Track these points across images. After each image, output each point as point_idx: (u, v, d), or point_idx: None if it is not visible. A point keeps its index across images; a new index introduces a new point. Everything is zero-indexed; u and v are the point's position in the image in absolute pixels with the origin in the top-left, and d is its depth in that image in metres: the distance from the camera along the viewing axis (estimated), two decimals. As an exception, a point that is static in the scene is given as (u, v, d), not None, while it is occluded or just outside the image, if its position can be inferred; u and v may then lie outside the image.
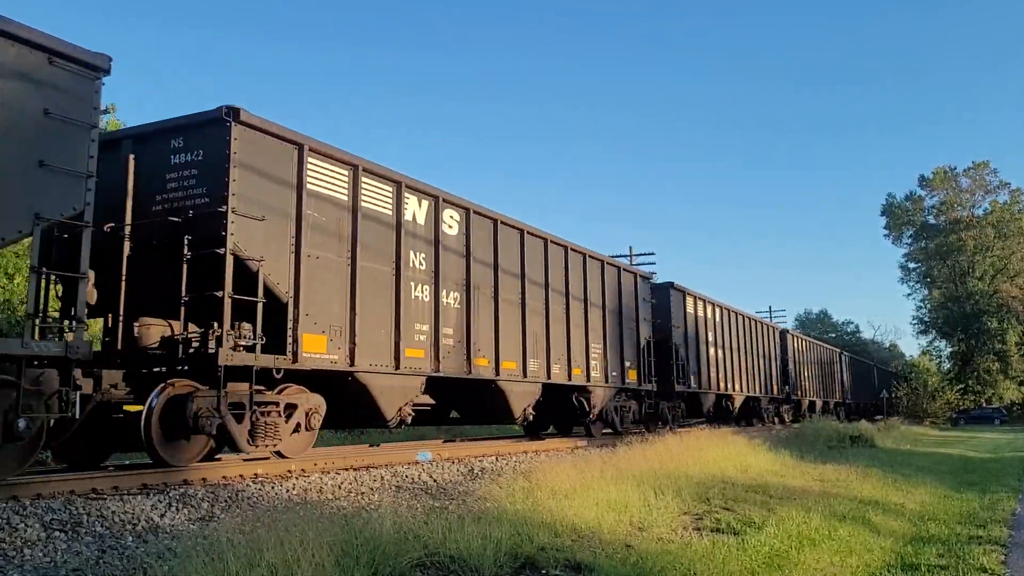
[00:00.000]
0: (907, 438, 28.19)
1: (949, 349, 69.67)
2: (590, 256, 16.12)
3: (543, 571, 5.37)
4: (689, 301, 22.13)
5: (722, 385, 24.10)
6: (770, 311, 61.13)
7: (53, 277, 7.67)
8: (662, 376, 19.24)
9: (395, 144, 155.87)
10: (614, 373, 16.67)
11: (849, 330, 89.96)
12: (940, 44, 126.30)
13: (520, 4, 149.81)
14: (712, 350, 23.44)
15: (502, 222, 13.07)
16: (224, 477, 8.22)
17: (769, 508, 8.90)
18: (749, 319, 28.06)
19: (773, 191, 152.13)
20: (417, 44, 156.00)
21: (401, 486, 8.70)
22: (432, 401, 11.95)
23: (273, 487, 7.79)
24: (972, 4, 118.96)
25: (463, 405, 13.51)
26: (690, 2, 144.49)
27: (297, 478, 8.39)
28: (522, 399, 13.26)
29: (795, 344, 33.94)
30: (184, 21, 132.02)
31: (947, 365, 69.54)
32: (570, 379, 14.77)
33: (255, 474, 8.55)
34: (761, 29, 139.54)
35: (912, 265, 73.82)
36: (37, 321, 6.82)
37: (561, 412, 15.65)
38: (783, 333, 32.78)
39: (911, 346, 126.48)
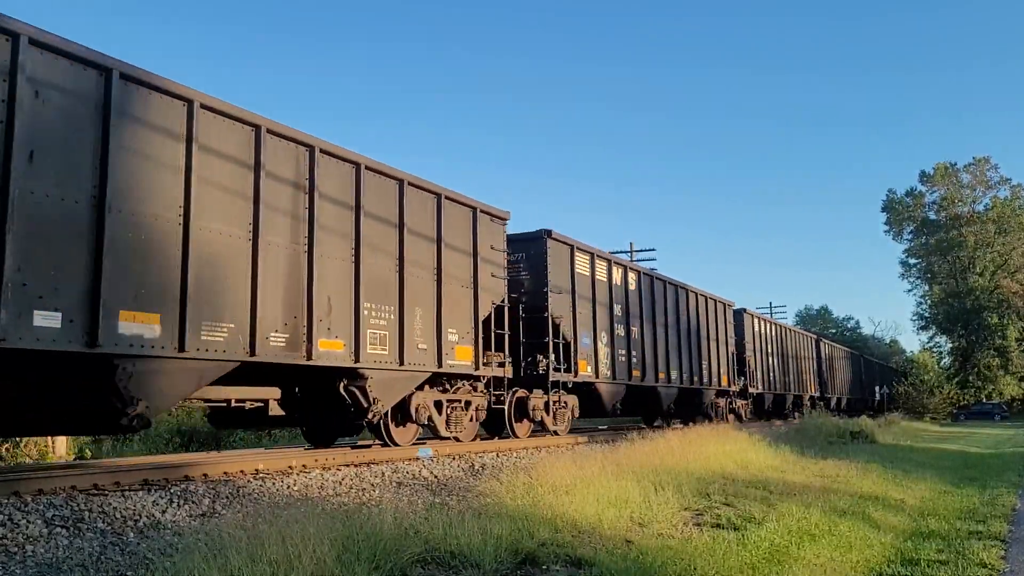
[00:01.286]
0: (907, 434, 28.23)
1: (949, 345, 69.73)
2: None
3: (543, 567, 5.38)
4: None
5: (636, 374, 18.30)
6: (771, 307, 61.11)
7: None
8: (526, 359, 14.53)
9: (393, 136, 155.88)
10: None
11: (850, 326, 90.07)
12: (941, 40, 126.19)
13: (521, 1, 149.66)
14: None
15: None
16: (225, 473, 8.24)
17: (769, 504, 8.91)
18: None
19: (773, 187, 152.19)
20: (418, 39, 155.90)
21: (402, 482, 8.71)
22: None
23: (274, 483, 7.81)
24: (975, 2, 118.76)
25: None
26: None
27: (298, 474, 8.40)
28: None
29: (756, 327, 28.92)
30: (184, 20, 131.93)
31: (947, 361, 69.58)
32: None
33: (256, 470, 8.57)
34: (762, 25, 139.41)
35: (913, 261, 73.94)
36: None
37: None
38: (739, 312, 27.43)
39: (912, 342, 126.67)
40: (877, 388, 51.54)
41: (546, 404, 14.60)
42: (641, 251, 39.02)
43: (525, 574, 5.25)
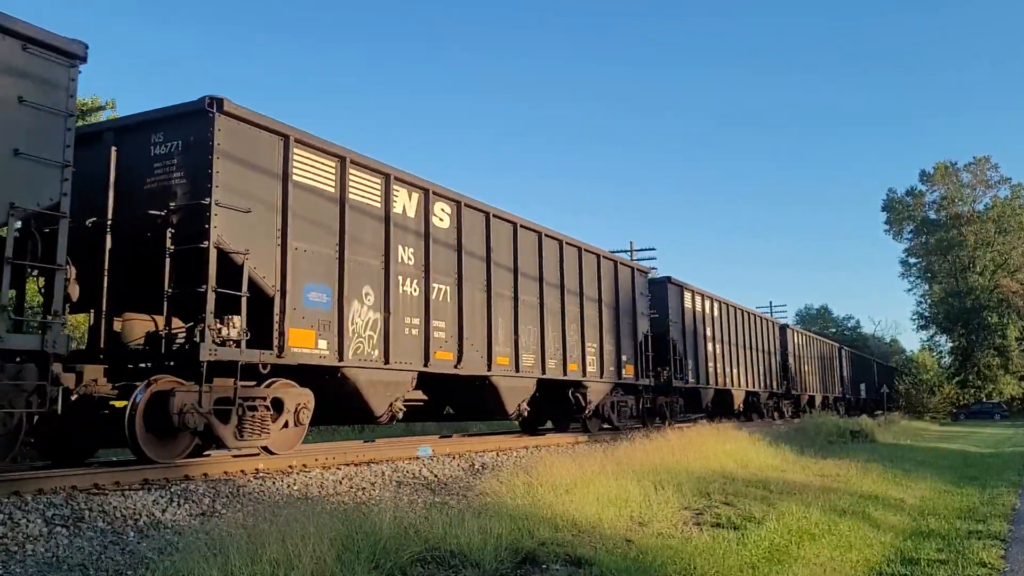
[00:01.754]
0: (907, 433, 28.24)
1: (949, 344, 69.70)
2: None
3: (543, 566, 5.38)
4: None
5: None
6: (771, 306, 61.21)
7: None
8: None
9: (392, 136, 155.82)
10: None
11: (850, 325, 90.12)
12: (941, 39, 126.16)
13: (521, 1, 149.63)
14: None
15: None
16: (225, 472, 8.24)
17: (769, 503, 8.91)
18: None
19: (773, 187, 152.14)
20: (417, 39, 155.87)
21: (402, 481, 8.72)
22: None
23: (274, 482, 7.81)
24: (975, 2, 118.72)
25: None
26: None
27: (298, 473, 8.40)
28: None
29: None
30: (180, 18, 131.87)
31: (947, 360, 69.57)
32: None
33: (256, 469, 8.57)
34: (762, 25, 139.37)
35: (913, 260, 73.92)
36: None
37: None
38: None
39: (912, 341, 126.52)
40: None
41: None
42: (641, 251, 39.07)
43: (525, 573, 5.25)
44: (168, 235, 8.16)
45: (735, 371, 25.26)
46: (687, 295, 22.01)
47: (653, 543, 6.28)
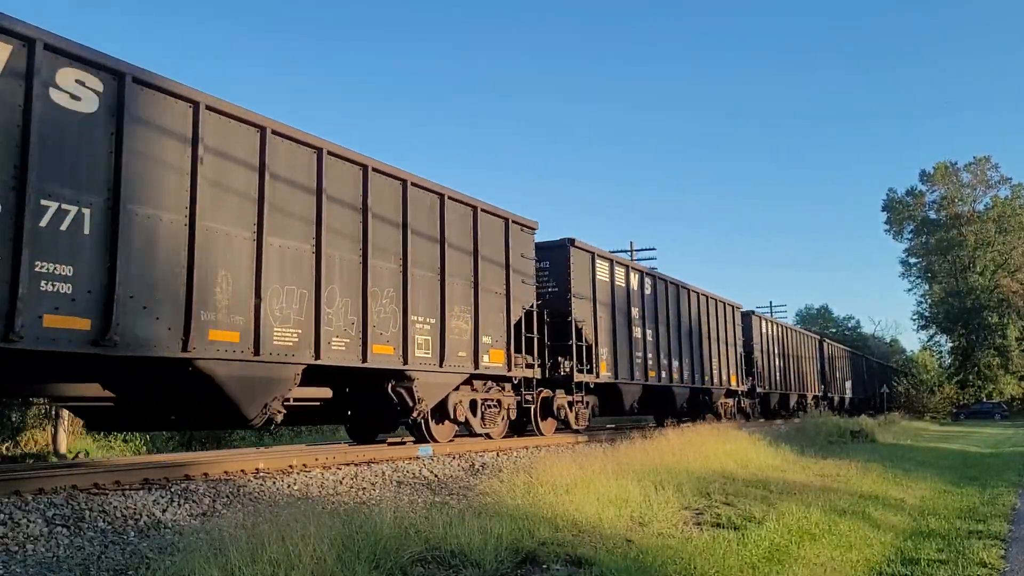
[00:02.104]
0: (907, 433, 28.24)
1: (949, 344, 69.68)
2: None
3: (544, 565, 5.38)
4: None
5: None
6: (771, 306, 61.20)
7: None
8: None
9: (392, 137, 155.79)
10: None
11: (850, 326, 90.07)
12: (942, 38, 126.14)
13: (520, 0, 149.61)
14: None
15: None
16: (225, 472, 8.25)
17: (769, 503, 8.92)
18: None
19: (774, 186, 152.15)
20: (414, 38, 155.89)
21: (402, 481, 8.72)
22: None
23: (274, 482, 7.82)
24: (976, 0, 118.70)
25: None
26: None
27: (298, 473, 8.41)
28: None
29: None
30: (183, 18, 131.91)
31: (948, 360, 69.56)
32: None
33: (256, 469, 8.58)
34: (762, 24, 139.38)
35: (913, 260, 73.88)
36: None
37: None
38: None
39: (912, 341, 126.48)
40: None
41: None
42: (641, 250, 39.06)
43: (525, 573, 5.25)
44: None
45: (676, 364, 20.33)
46: (601, 264, 16.86)
47: (653, 543, 6.28)
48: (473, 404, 12.76)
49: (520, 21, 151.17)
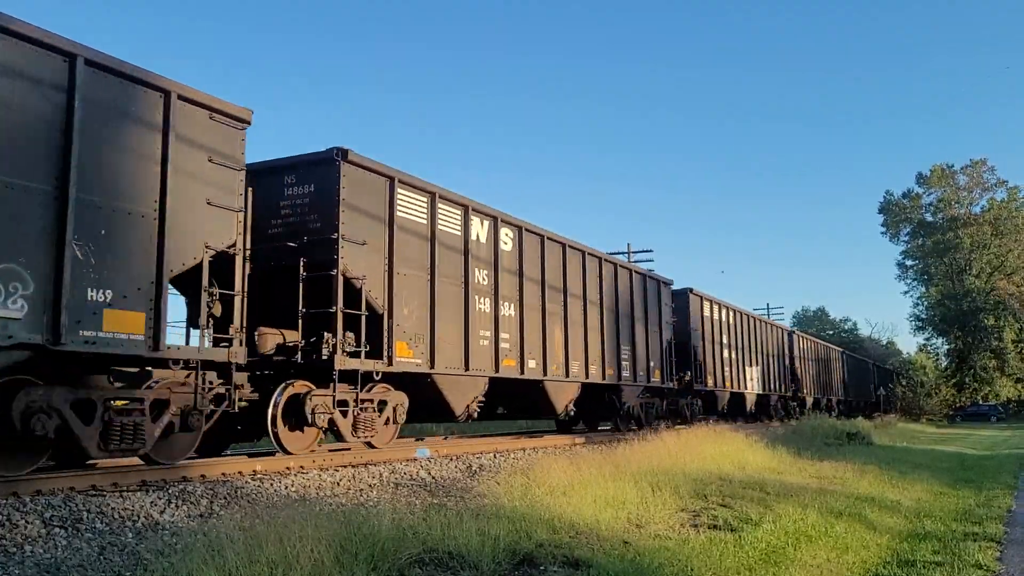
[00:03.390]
0: (904, 435, 28.29)
1: (946, 346, 69.90)
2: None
3: (541, 567, 5.39)
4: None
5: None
6: (768, 308, 61.29)
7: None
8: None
9: (391, 139, 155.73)
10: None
11: (847, 327, 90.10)
12: (939, 40, 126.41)
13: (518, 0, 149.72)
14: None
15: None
16: (223, 474, 8.25)
17: (766, 505, 8.93)
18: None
19: (770, 188, 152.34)
20: (412, 40, 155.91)
21: (400, 483, 8.72)
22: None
23: (272, 484, 7.81)
24: (972, 1, 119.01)
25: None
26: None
27: (296, 475, 8.41)
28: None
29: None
30: (177, 17, 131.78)
31: (944, 362, 69.68)
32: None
33: (254, 470, 8.57)
34: (759, 24, 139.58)
35: (909, 262, 74.05)
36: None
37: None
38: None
39: (908, 343, 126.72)
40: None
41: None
42: (638, 252, 39.15)
43: (523, 575, 5.26)
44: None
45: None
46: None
47: (650, 545, 6.30)
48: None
49: (516, 20, 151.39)
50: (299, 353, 9.46)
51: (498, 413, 15.51)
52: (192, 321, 8.68)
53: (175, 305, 8.27)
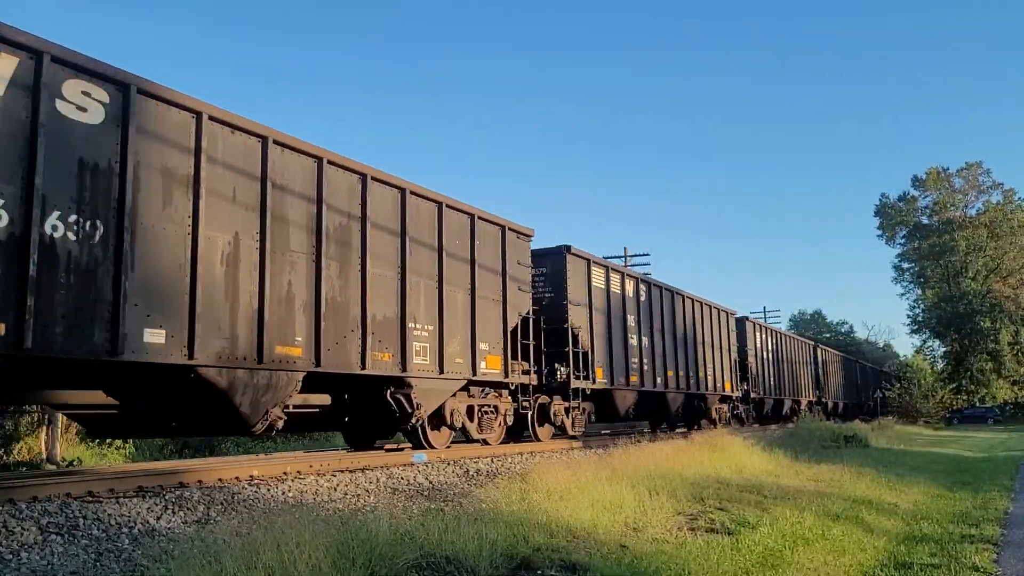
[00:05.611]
0: (901, 438, 28.30)
1: (942, 349, 69.88)
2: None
3: (539, 571, 5.39)
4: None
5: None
6: (764, 312, 61.33)
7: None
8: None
9: (391, 138, 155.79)
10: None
11: (843, 330, 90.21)
12: (936, 44, 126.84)
13: (513, 1, 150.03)
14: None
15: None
16: (220, 479, 8.23)
17: (763, 508, 8.94)
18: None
19: (767, 192, 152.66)
20: (411, 40, 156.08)
21: (397, 488, 8.72)
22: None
23: (269, 489, 7.81)
24: (966, 5, 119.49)
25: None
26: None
27: (293, 480, 8.40)
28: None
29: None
30: (177, 17, 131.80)
31: (940, 365, 69.74)
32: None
33: (251, 476, 8.56)
34: (757, 28, 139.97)
35: (905, 265, 74.12)
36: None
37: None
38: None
39: (905, 346, 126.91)
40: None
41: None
42: (635, 255, 39.22)
43: (520, 579, 5.26)
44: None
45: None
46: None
47: (648, 548, 6.30)
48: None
49: (514, 22, 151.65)
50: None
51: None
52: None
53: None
